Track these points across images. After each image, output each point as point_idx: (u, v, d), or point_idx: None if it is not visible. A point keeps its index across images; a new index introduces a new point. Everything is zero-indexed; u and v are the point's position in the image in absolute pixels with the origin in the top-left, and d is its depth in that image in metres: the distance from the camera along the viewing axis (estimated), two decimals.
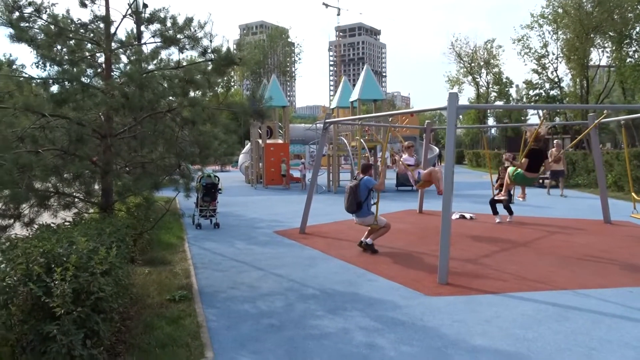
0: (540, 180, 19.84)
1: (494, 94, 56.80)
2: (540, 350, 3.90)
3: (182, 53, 5.42)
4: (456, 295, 5.40)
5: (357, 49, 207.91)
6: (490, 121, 63.34)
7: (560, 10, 39.62)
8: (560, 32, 42.58)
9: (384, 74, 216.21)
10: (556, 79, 46.41)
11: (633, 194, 9.03)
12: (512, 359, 3.76)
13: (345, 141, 17.70)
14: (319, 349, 3.96)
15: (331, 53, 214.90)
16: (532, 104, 49.02)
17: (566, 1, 39.19)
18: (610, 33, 39.72)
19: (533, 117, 63.88)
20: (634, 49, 38.58)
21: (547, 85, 47.50)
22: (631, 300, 5.15)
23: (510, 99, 55.89)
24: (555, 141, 15.99)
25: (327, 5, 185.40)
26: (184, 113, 5.38)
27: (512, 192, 10.88)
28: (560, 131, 52.33)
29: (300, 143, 23.89)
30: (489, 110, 64.40)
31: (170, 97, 5.80)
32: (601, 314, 4.75)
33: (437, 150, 19.11)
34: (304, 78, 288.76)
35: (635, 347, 3.96)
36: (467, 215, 11.19)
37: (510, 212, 10.64)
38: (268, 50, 54.75)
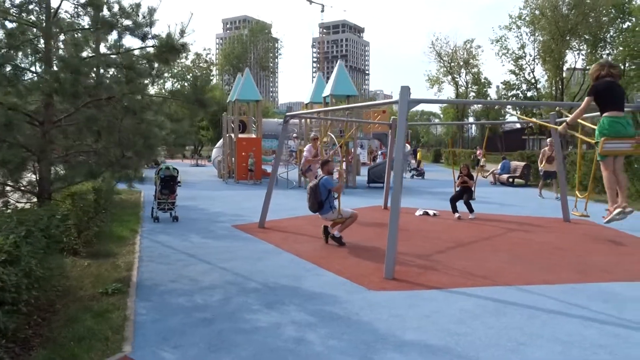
0: (511, 180, 20.06)
1: (472, 93, 57.30)
2: (468, 345, 3.85)
3: (123, 38, 5.24)
4: (400, 290, 5.34)
5: (340, 46, 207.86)
6: (471, 120, 63.74)
7: (537, 12, 40.08)
8: (537, 34, 43.18)
9: (367, 72, 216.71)
10: (533, 80, 47.08)
11: (577, 192, 9.13)
12: (439, 353, 3.70)
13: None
14: (246, 343, 3.85)
15: (314, 49, 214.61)
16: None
17: (543, 3, 39.64)
18: (585, 36, 40.37)
19: (510, 118, 64.68)
20: (607, 51, 39.23)
21: (524, 86, 48.15)
22: (571, 297, 5.15)
23: (489, 99, 56.31)
24: (548, 139, 14.14)
25: (311, 2, 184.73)
26: (125, 101, 5.21)
27: (473, 189, 10.92)
28: (537, 131, 53.13)
29: (274, 138, 23.71)
30: (469, 110, 64.88)
31: (114, 85, 5.61)
32: (539, 310, 4.73)
33: (408, 147, 19.10)
34: (287, 74, 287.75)
35: (564, 342, 3.95)
36: (431, 212, 11.19)
37: (471, 210, 10.67)
38: (249, 45, 54.29)
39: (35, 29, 5.79)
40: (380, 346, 3.82)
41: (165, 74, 54.07)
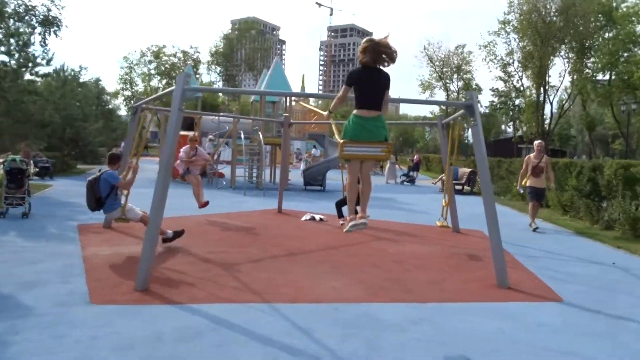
0: (460, 187, 19.05)
1: (463, 99, 56.20)
2: None
3: None
4: (128, 305, 4.61)
5: (348, 50, 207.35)
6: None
7: (520, 17, 39.09)
8: (526, 40, 42.12)
9: None
10: (521, 88, 46.00)
11: (444, 200, 8.41)
12: None
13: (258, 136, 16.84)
14: None
15: (322, 52, 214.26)
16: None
17: (528, 8, 38.60)
18: (573, 43, 39.28)
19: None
20: (593, 59, 38.11)
21: (513, 94, 47.14)
22: (313, 320, 4.39)
23: (480, 105, 55.25)
24: (535, 142, 10.89)
25: (319, 5, 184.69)
26: None
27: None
28: (527, 140, 51.75)
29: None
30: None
31: None
32: (247, 334, 3.98)
33: (315, 151, 18.19)
34: (293, 76, 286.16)
35: None
36: (317, 217, 10.43)
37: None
38: (236, 44, 53.73)
39: None
40: None
41: (152, 71, 53.96)
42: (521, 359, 3.76)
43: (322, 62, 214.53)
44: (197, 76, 52.97)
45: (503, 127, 69.56)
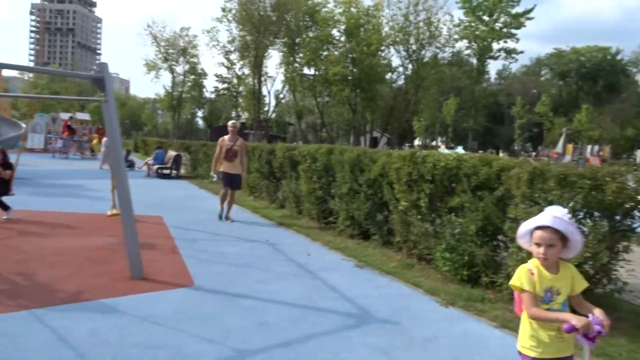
0: (167, 171, 18.46)
1: (189, 83, 55.95)
2: None
3: None
4: None
5: (66, 18, 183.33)
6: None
7: (239, 7, 40.71)
8: (245, 30, 44.06)
9: (99, 52, 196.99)
10: (243, 76, 48.13)
11: (112, 189, 7.79)
12: None
13: None
14: None
15: (33, 17, 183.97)
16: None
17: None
18: (285, 38, 42.90)
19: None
20: (301, 55, 42.41)
21: (235, 81, 49.04)
22: None
23: (204, 90, 56.00)
24: (229, 123, 9.82)
25: None
26: None
27: (11, 184, 8.51)
28: (249, 125, 54.79)
29: None
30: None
31: None
32: None
33: (23, 127, 15.46)
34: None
35: None
36: None
37: (5, 208, 8.26)
38: None
39: None
40: None
41: None
42: None
43: (34, 29, 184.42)
44: None
45: (233, 113, 72.40)
